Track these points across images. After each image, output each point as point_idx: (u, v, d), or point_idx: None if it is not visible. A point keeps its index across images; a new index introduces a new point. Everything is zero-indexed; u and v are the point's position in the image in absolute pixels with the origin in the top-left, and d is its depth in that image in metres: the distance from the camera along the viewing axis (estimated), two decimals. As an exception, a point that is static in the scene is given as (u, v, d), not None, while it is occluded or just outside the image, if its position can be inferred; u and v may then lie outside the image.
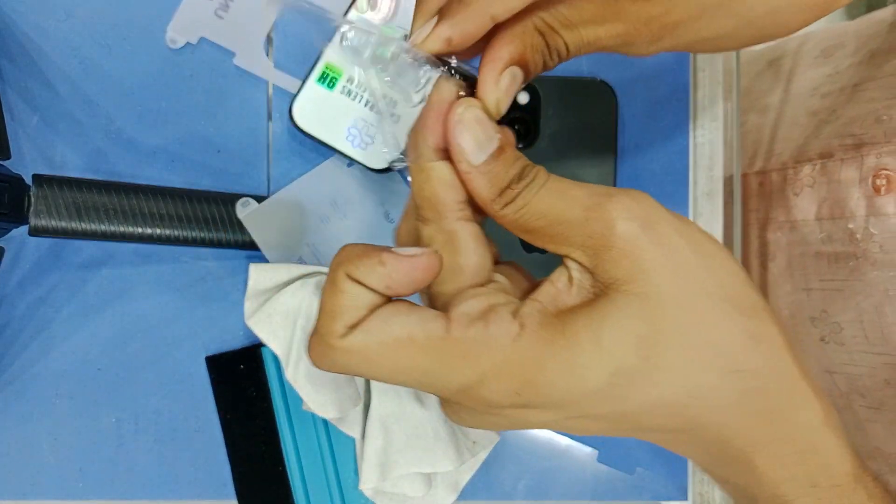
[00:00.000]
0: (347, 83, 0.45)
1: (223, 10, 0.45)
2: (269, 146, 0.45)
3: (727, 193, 0.48)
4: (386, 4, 0.45)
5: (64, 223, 0.40)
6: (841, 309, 0.50)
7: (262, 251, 0.44)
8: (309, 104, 0.44)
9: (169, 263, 0.46)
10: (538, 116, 0.45)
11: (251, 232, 0.43)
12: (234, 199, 0.43)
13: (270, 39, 0.46)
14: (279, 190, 0.45)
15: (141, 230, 0.41)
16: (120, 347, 0.45)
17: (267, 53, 0.46)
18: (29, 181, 0.40)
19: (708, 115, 0.47)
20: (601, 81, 0.45)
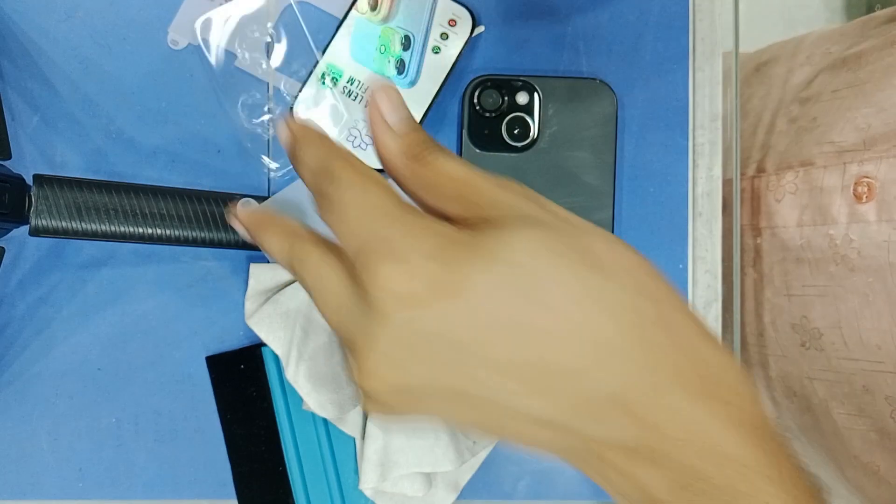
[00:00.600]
0: (348, 83, 0.45)
1: (224, 10, 0.45)
2: (269, 146, 0.46)
3: (727, 194, 0.48)
4: (386, 5, 0.45)
5: (64, 223, 0.40)
6: (821, 315, 0.50)
7: (262, 251, 0.44)
8: (310, 104, 0.45)
9: (169, 263, 0.46)
10: (538, 117, 0.45)
11: (251, 232, 0.43)
12: (234, 199, 0.43)
13: (272, 40, 0.46)
14: (279, 190, 0.45)
15: (141, 230, 0.41)
16: (120, 347, 0.46)
17: (268, 54, 0.46)
18: (29, 181, 0.40)
19: (707, 115, 0.47)
20: (601, 82, 0.45)
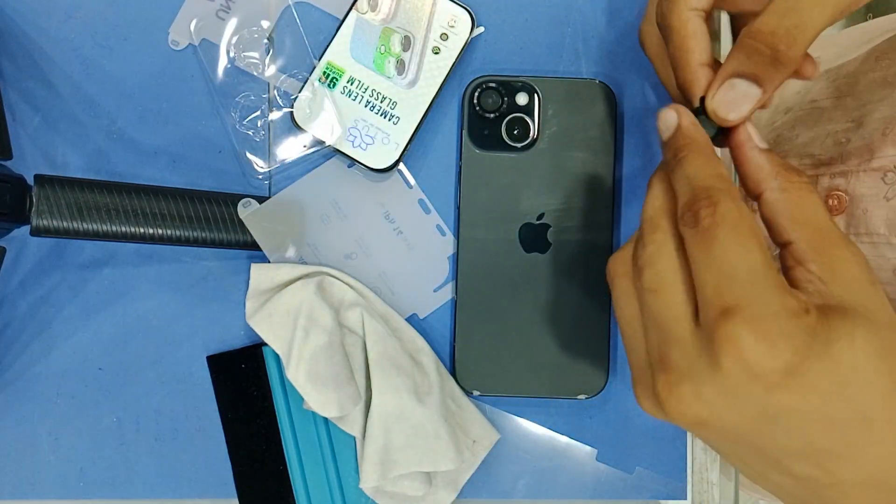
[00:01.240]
0: (348, 84, 0.45)
1: (224, 11, 0.45)
2: (269, 147, 0.46)
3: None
4: (386, 5, 0.45)
5: (65, 223, 0.40)
6: None
7: (263, 251, 0.44)
8: (310, 105, 0.45)
9: (170, 263, 0.46)
10: (538, 117, 0.45)
11: (252, 232, 0.43)
12: (235, 199, 0.43)
13: (271, 40, 0.46)
14: (280, 190, 0.45)
15: (142, 230, 0.41)
16: (121, 347, 0.46)
17: (268, 55, 0.46)
18: (30, 181, 0.40)
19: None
20: (601, 83, 0.45)
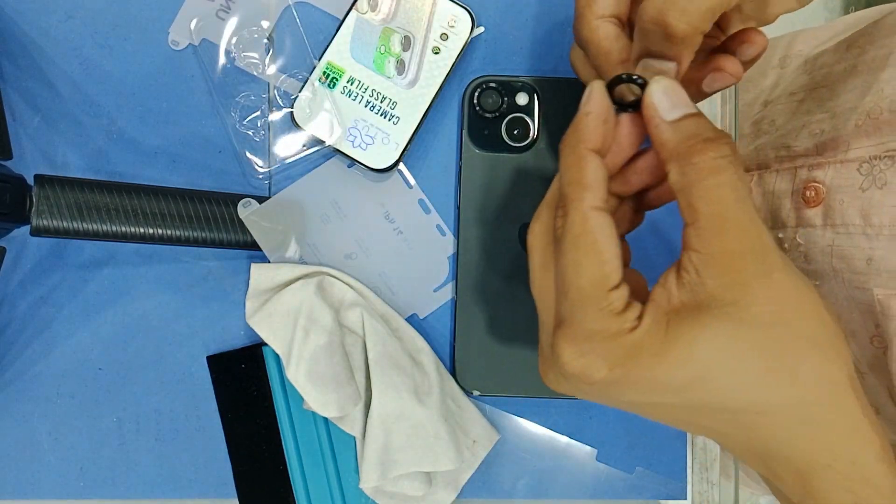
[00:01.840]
0: (348, 83, 0.45)
1: (224, 11, 0.45)
2: (269, 147, 0.46)
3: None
4: (386, 5, 0.45)
5: (65, 223, 0.40)
6: None
7: (263, 251, 0.44)
8: (310, 105, 0.45)
9: (170, 263, 0.46)
10: (538, 117, 0.45)
11: (252, 232, 0.43)
12: (235, 199, 0.43)
13: (272, 40, 0.46)
14: (280, 190, 0.45)
15: (142, 230, 0.41)
16: (121, 347, 0.46)
17: (268, 55, 0.46)
18: (30, 181, 0.40)
19: (707, 116, 0.47)
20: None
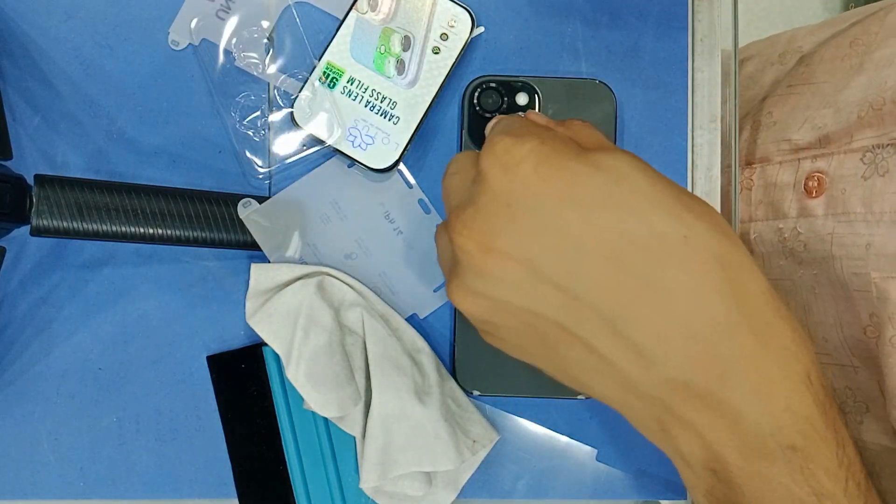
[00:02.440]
0: (348, 84, 0.45)
1: (224, 11, 0.45)
2: (269, 147, 0.46)
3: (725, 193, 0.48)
4: (386, 5, 0.45)
5: (65, 223, 0.40)
6: None
7: (263, 251, 0.44)
8: (310, 105, 0.45)
9: (170, 263, 0.46)
10: (538, 117, 0.45)
11: (252, 232, 0.43)
12: (235, 199, 0.43)
13: (272, 40, 0.46)
14: (280, 190, 0.45)
15: (142, 230, 0.41)
16: (121, 347, 0.46)
17: (268, 55, 0.46)
18: (30, 181, 0.40)
19: (707, 116, 0.47)
20: (600, 83, 0.45)
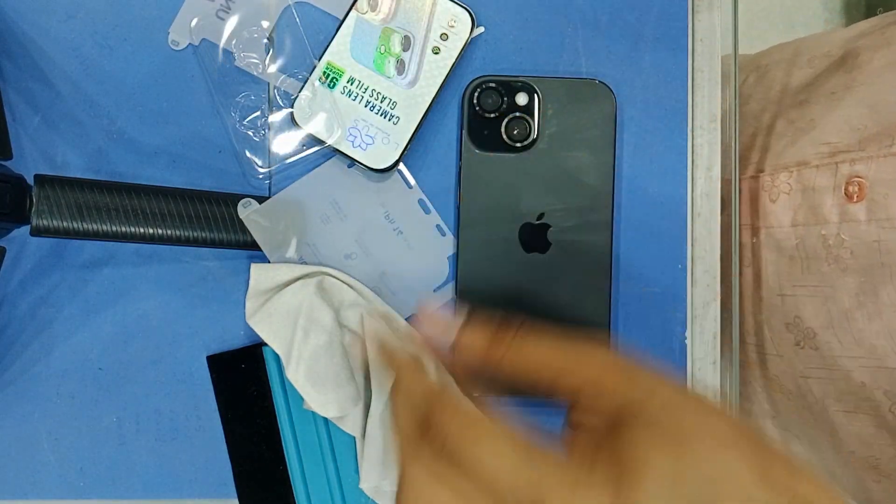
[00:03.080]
0: (348, 84, 0.45)
1: (224, 11, 0.45)
2: (269, 147, 0.46)
3: (725, 194, 0.48)
4: (386, 5, 0.45)
5: (65, 223, 0.40)
6: (813, 315, 0.50)
7: (263, 251, 0.44)
8: (310, 105, 0.45)
9: (170, 263, 0.46)
10: (537, 117, 0.45)
11: (252, 232, 0.43)
12: (235, 199, 0.43)
13: (272, 40, 0.46)
14: (280, 190, 0.45)
15: (142, 230, 0.41)
16: (121, 347, 0.46)
17: (268, 54, 0.46)
18: (30, 181, 0.40)
19: (707, 116, 0.47)
20: (600, 82, 0.45)
